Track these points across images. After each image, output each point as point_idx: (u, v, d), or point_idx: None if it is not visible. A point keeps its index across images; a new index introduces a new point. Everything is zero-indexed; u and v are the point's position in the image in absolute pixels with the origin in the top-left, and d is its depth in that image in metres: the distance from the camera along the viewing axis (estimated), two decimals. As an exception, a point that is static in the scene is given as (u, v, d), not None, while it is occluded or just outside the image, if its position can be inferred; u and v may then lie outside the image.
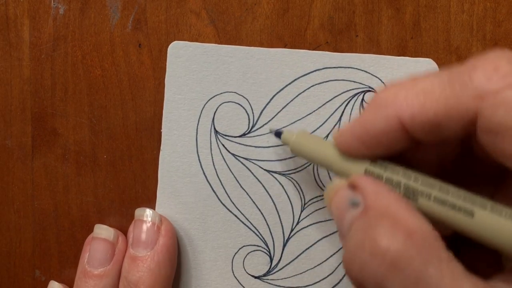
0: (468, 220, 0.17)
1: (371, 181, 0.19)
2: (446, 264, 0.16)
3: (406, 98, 0.18)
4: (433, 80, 0.18)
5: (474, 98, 0.17)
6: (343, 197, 0.20)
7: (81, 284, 0.27)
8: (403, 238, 0.17)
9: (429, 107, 0.18)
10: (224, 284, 0.29)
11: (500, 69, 0.17)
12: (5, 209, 0.29)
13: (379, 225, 0.17)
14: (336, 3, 0.28)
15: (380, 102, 0.19)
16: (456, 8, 0.28)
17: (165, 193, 0.28)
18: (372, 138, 0.20)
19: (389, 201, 0.18)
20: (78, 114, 0.29)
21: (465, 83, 0.17)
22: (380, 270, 0.17)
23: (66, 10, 0.28)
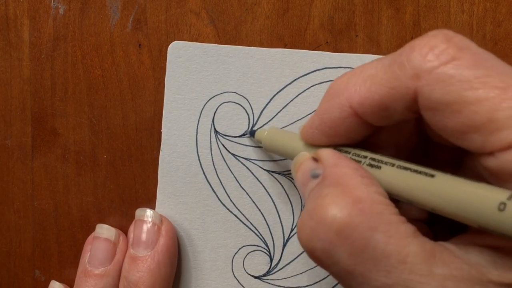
0: (428, 182, 0.18)
1: (332, 153, 0.20)
2: (395, 228, 0.17)
3: (355, 85, 0.19)
4: (377, 65, 0.19)
5: (412, 77, 0.17)
6: (306, 169, 0.21)
7: (82, 283, 0.27)
8: (350, 206, 0.17)
9: (374, 91, 0.19)
10: (224, 284, 0.29)
11: (436, 48, 0.17)
12: (5, 209, 0.29)
13: (329, 194, 0.18)
14: (336, 3, 0.28)
15: (333, 92, 0.20)
16: (456, 8, 0.28)
17: (165, 193, 0.28)
18: (330, 128, 0.20)
19: (345, 171, 0.19)
20: (78, 114, 0.29)
21: (403, 64, 0.18)
22: (327, 238, 0.17)
23: (66, 10, 0.28)
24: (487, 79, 0.16)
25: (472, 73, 0.16)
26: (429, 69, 0.17)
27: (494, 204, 0.16)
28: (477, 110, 0.16)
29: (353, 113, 0.19)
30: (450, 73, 0.16)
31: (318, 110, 0.21)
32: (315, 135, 0.21)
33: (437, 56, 0.17)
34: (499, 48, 0.28)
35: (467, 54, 0.17)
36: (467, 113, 0.16)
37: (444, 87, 0.16)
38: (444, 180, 0.17)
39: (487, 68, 0.16)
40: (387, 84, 0.18)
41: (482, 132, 0.16)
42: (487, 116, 0.16)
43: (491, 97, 0.16)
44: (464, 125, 0.16)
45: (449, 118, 0.17)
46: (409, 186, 0.18)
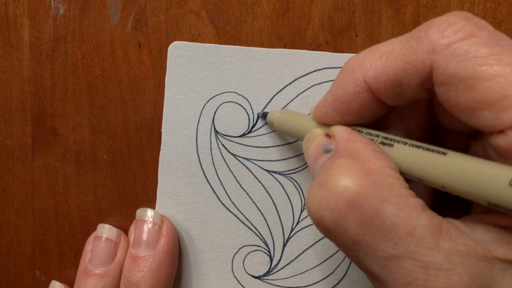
0: (441, 159, 0.18)
1: (346, 130, 0.20)
2: (405, 200, 0.17)
3: (370, 60, 0.19)
4: (395, 41, 0.19)
5: (428, 52, 0.17)
6: (318, 144, 0.21)
7: (82, 283, 0.27)
8: (362, 177, 0.17)
9: (390, 65, 0.19)
10: (224, 284, 0.29)
11: (454, 25, 0.17)
12: (5, 209, 0.29)
13: (341, 165, 0.18)
14: (336, 3, 0.28)
15: (348, 68, 0.21)
16: (456, 8, 0.28)
17: (165, 193, 0.28)
18: (343, 104, 0.21)
19: (358, 145, 0.19)
20: (78, 114, 0.29)
21: (421, 38, 0.18)
22: (337, 207, 0.17)
23: (66, 10, 0.28)
24: (502, 57, 0.16)
25: (488, 50, 0.16)
26: (447, 44, 0.17)
27: (505, 181, 0.16)
28: (491, 86, 0.16)
29: (367, 89, 0.20)
30: (466, 49, 0.17)
31: (332, 87, 0.21)
32: (328, 112, 0.21)
33: (455, 32, 0.17)
34: (499, 48, 0.28)
35: (484, 33, 0.17)
36: (480, 89, 0.16)
37: (460, 61, 0.17)
38: (456, 158, 0.17)
39: (503, 46, 0.17)
40: (404, 58, 0.18)
41: (494, 109, 0.16)
42: (500, 92, 0.16)
43: (505, 74, 0.16)
44: (476, 101, 0.16)
45: (462, 94, 0.17)
46: (421, 163, 0.18)
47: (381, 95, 0.20)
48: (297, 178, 0.28)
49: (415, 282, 0.17)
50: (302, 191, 0.28)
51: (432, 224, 0.17)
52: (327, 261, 0.29)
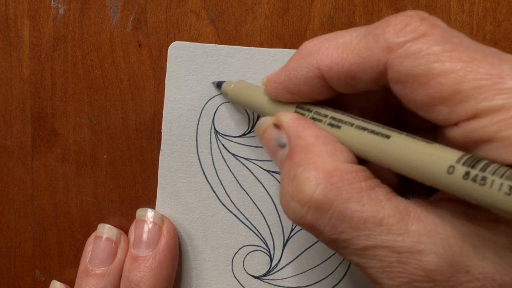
0: (384, 142, 0.19)
1: (292, 119, 0.21)
2: (367, 195, 0.18)
3: (327, 49, 0.20)
4: (352, 33, 0.20)
5: (384, 50, 0.18)
6: (271, 137, 0.22)
7: (82, 283, 0.27)
8: (323, 182, 0.19)
9: (345, 58, 0.19)
10: (224, 284, 0.29)
11: (410, 25, 0.18)
12: (5, 209, 0.29)
13: (302, 175, 0.19)
14: (336, 3, 0.28)
15: (304, 52, 0.21)
16: (456, 8, 0.28)
17: (165, 193, 0.28)
18: (294, 85, 0.21)
19: (309, 140, 0.20)
20: (78, 114, 0.29)
21: (377, 36, 0.18)
22: (309, 215, 0.19)
23: (66, 10, 0.28)
24: (454, 53, 0.17)
25: (440, 48, 0.17)
26: (401, 43, 0.18)
27: (443, 167, 0.16)
28: (444, 82, 0.17)
29: (320, 76, 0.20)
30: (419, 47, 0.17)
31: (286, 66, 0.22)
32: (279, 90, 0.22)
33: (410, 32, 0.18)
34: (499, 48, 0.28)
35: (437, 31, 0.18)
36: (434, 85, 0.17)
37: (413, 59, 0.17)
38: (399, 141, 0.18)
39: (454, 43, 0.17)
40: (359, 53, 0.19)
41: (448, 104, 0.17)
42: (453, 87, 0.17)
43: (457, 69, 0.17)
44: (431, 97, 0.17)
45: (417, 91, 0.18)
46: (366, 146, 0.19)
47: (333, 84, 0.20)
48: (297, 178, 0.28)
49: (390, 265, 0.18)
50: (302, 191, 0.28)
51: (398, 210, 0.18)
52: (327, 261, 0.29)
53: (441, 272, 0.17)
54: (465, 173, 0.16)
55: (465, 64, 0.17)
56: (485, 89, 0.16)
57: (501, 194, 0.15)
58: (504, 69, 0.16)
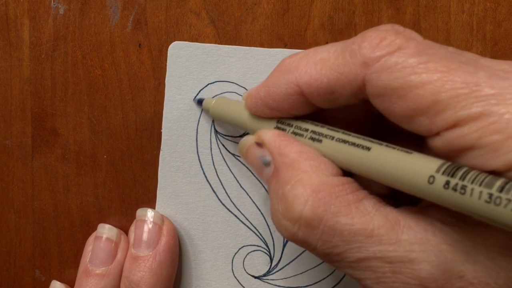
0: (365, 154, 0.19)
1: (274, 136, 0.21)
2: (355, 207, 0.18)
3: (306, 66, 0.20)
4: (330, 49, 0.20)
5: (361, 65, 0.18)
6: (255, 156, 0.22)
7: (82, 283, 0.27)
8: (311, 199, 0.19)
9: (324, 74, 0.19)
10: (224, 284, 0.29)
11: (385, 39, 0.18)
12: (5, 209, 0.29)
13: (290, 193, 0.19)
14: (336, 3, 0.28)
15: (284, 68, 0.21)
16: (456, 8, 0.28)
17: (165, 193, 0.28)
18: (274, 102, 0.21)
19: (292, 158, 0.20)
20: (78, 114, 0.29)
21: (354, 52, 0.19)
22: (301, 232, 0.19)
23: (66, 10, 0.28)
24: (430, 64, 0.17)
25: (415, 60, 0.17)
26: (377, 58, 0.18)
27: (424, 177, 0.17)
28: (422, 93, 0.17)
29: (300, 92, 0.20)
30: (395, 61, 0.18)
31: (265, 81, 0.22)
32: (259, 105, 0.22)
33: (385, 46, 0.18)
34: (499, 48, 0.28)
35: (412, 44, 0.18)
36: (412, 97, 0.17)
37: (390, 73, 0.17)
38: (379, 153, 0.18)
39: (429, 54, 0.17)
40: (337, 69, 0.19)
41: (428, 115, 0.17)
42: (432, 98, 0.17)
43: (434, 80, 0.17)
44: (410, 109, 0.17)
45: (396, 103, 0.18)
46: (348, 158, 0.19)
47: (313, 100, 0.20)
48: (297, 178, 0.28)
49: (384, 276, 0.18)
50: (302, 191, 0.28)
51: (387, 220, 0.18)
52: (327, 261, 0.29)
53: (434, 279, 0.17)
54: (445, 182, 0.16)
55: (441, 74, 0.17)
56: (462, 98, 0.16)
57: (482, 202, 0.15)
58: (480, 76, 0.17)
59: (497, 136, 0.16)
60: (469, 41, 0.28)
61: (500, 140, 0.16)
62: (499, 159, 0.16)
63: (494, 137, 0.16)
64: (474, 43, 0.28)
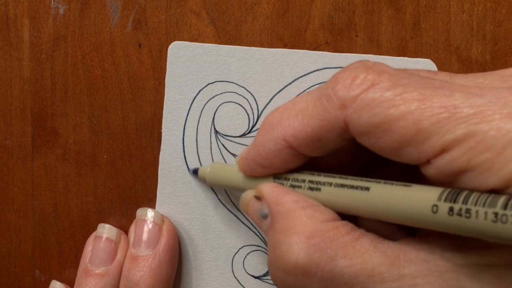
0: (364, 195, 0.19)
1: (271, 189, 0.21)
2: (352, 248, 0.18)
3: (288, 119, 0.20)
4: (307, 98, 0.20)
5: (339, 108, 0.18)
6: (254, 210, 0.22)
7: (82, 282, 0.27)
8: (305, 246, 0.18)
9: (306, 123, 0.20)
10: (224, 284, 0.29)
11: (357, 78, 0.18)
12: (5, 209, 0.29)
13: (283, 242, 0.19)
14: (336, 3, 0.28)
15: (267, 126, 0.21)
16: (456, 8, 0.28)
17: (165, 193, 0.28)
18: (266, 160, 0.21)
19: (288, 207, 0.20)
20: (78, 114, 0.29)
21: (330, 96, 0.19)
22: (298, 281, 0.19)
23: (66, 10, 0.28)
24: (406, 95, 0.17)
25: (391, 93, 0.17)
26: (353, 97, 0.18)
27: (427, 208, 0.16)
28: (404, 125, 0.17)
29: (288, 146, 0.20)
30: (372, 97, 0.18)
31: (253, 142, 0.22)
32: (252, 166, 0.22)
33: (359, 85, 0.18)
34: (499, 48, 0.28)
35: (384, 77, 0.18)
36: (395, 130, 0.17)
37: (369, 110, 0.18)
38: (379, 191, 0.18)
39: (403, 85, 0.17)
40: (318, 116, 0.19)
41: (414, 145, 0.17)
42: (414, 127, 0.17)
43: (413, 110, 0.17)
44: (396, 141, 0.17)
45: (381, 139, 0.18)
46: (348, 201, 0.19)
47: (303, 150, 0.20)
48: (297, 178, 0.28)
49: None
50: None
51: (387, 256, 0.18)
52: (327, 261, 0.29)
53: None
54: (449, 209, 0.16)
55: (418, 103, 0.17)
56: (444, 122, 0.16)
57: (488, 222, 0.15)
58: (457, 97, 0.17)
59: (487, 155, 0.16)
60: (469, 41, 0.28)
61: (490, 158, 0.16)
62: (495, 177, 0.16)
63: (484, 156, 0.16)
64: (474, 43, 0.28)
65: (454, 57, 0.28)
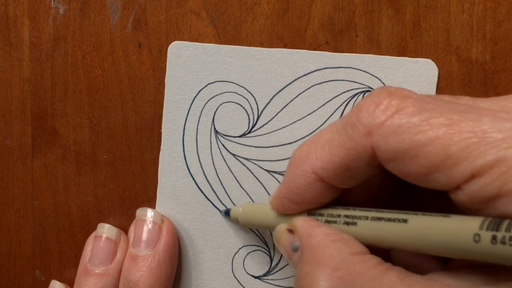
0: (403, 227, 0.18)
1: (304, 222, 0.21)
2: (379, 282, 0.18)
3: (315, 151, 0.20)
4: (332, 129, 0.20)
5: (365, 135, 0.18)
6: (286, 243, 0.22)
7: (82, 282, 0.27)
8: (331, 278, 0.18)
9: (334, 154, 0.20)
10: (224, 284, 0.29)
11: (381, 104, 0.18)
12: (5, 209, 0.29)
13: (309, 273, 0.19)
14: (336, 3, 0.28)
15: (296, 161, 0.21)
16: (456, 8, 0.28)
17: (165, 193, 0.28)
18: (297, 195, 0.21)
19: (318, 239, 0.20)
20: (78, 114, 0.29)
21: (354, 124, 0.19)
22: None
23: (66, 10, 0.28)
24: (432, 120, 0.17)
25: (417, 118, 0.17)
26: (379, 124, 0.18)
27: (469, 238, 0.16)
28: (432, 150, 0.17)
29: (318, 179, 0.20)
30: (398, 123, 0.18)
31: (284, 179, 0.22)
32: (285, 204, 0.22)
33: (383, 111, 0.18)
34: (499, 48, 0.28)
35: (408, 103, 0.18)
36: (424, 156, 0.17)
37: (396, 136, 0.17)
38: (417, 223, 0.18)
39: (429, 110, 0.17)
40: (344, 145, 0.19)
41: (443, 170, 0.17)
42: (443, 153, 0.17)
43: (440, 135, 0.17)
44: (424, 167, 0.17)
45: (409, 165, 0.18)
46: (386, 236, 0.19)
47: (334, 182, 0.20)
48: (297, 178, 0.28)
49: None
50: (302, 191, 0.28)
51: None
52: (327, 261, 0.29)
53: None
54: (492, 237, 0.16)
55: (446, 128, 0.17)
56: (473, 148, 0.16)
57: None
58: (484, 122, 0.16)
59: None
60: (469, 41, 0.28)
61: None
62: None
63: None
64: (474, 43, 0.28)
65: (454, 57, 0.28)
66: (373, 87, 0.28)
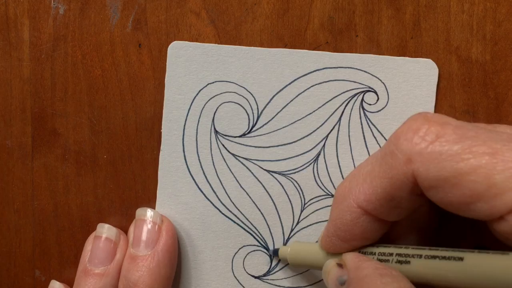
0: (458, 265, 0.18)
1: (354, 256, 0.21)
2: None
3: (357, 185, 0.20)
4: (371, 160, 0.20)
5: (405, 163, 0.18)
6: (334, 277, 0.21)
7: (81, 282, 0.27)
8: None
9: (376, 185, 0.19)
10: (224, 284, 0.29)
11: (419, 130, 0.18)
12: (5, 209, 0.29)
13: None
14: (336, 3, 0.28)
15: (339, 197, 0.21)
16: (456, 8, 0.28)
17: (165, 193, 0.28)
18: (345, 232, 0.21)
19: (366, 272, 0.19)
20: (78, 114, 0.29)
21: (394, 153, 0.18)
22: None
23: (66, 10, 0.28)
24: (475, 148, 0.17)
25: (459, 146, 0.17)
26: (419, 151, 0.18)
27: None
28: (475, 179, 0.16)
29: (364, 212, 0.20)
30: (439, 150, 0.17)
31: (330, 217, 0.22)
32: (334, 241, 0.22)
33: (423, 138, 0.18)
34: (499, 48, 0.28)
35: (449, 129, 0.18)
36: (466, 184, 0.17)
37: (437, 164, 0.17)
38: (474, 261, 0.18)
39: (471, 138, 0.17)
40: (385, 175, 0.19)
41: (485, 199, 0.16)
42: (486, 182, 0.16)
43: (484, 164, 0.16)
44: (466, 196, 0.17)
45: (451, 193, 0.17)
46: (441, 274, 0.19)
47: (380, 214, 0.20)
48: (297, 178, 0.28)
49: None
50: (302, 191, 0.28)
51: None
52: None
53: None
54: None
55: (489, 157, 0.16)
56: None
57: None
58: None
59: None
60: (469, 41, 0.28)
61: None
62: None
63: None
64: (474, 43, 0.28)
65: (454, 57, 0.28)
66: (373, 87, 0.28)
